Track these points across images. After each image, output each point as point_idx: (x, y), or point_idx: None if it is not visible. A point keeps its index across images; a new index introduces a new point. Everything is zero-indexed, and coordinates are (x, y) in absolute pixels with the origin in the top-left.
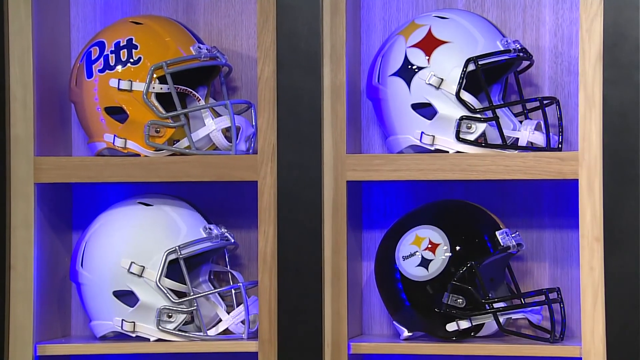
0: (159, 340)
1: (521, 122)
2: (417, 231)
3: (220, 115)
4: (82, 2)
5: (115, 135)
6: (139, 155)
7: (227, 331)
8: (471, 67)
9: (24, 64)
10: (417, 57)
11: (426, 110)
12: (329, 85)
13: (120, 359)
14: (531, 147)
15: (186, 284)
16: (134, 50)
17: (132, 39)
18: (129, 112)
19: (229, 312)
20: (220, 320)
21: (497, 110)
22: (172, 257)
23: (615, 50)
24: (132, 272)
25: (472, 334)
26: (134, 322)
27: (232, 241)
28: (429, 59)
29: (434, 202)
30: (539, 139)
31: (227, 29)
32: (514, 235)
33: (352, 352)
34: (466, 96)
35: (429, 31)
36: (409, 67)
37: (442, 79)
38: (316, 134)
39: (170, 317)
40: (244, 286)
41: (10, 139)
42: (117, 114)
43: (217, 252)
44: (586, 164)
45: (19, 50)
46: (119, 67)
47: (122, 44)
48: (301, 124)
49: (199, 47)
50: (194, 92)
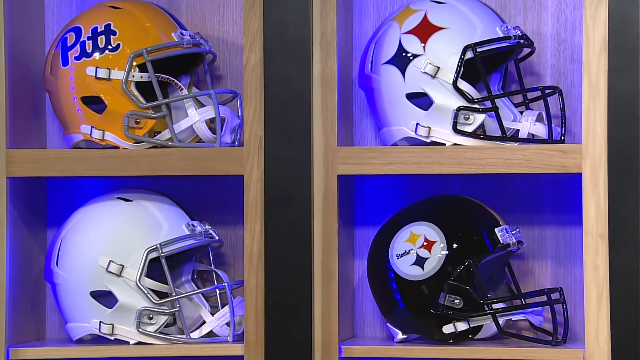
0: (139, 343)
1: (522, 112)
2: (412, 228)
3: (203, 105)
4: None
5: (92, 126)
6: (117, 147)
7: (211, 334)
8: (469, 54)
9: None
10: (412, 44)
11: (422, 100)
12: (319, 74)
13: None
14: (532, 139)
15: (168, 284)
16: (112, 36)
17: (110, 25)
18: (107, 102)
19: (213, 314)
20: (204, 322)
21: (496, 100)
22: (153, 255)
23: (621, 37)
24: (110, 272)
25: (470, 337)
26: (113, 324)
27: (217, 238)
28: (424, 46)
29: (429, 197)
30: (540, 130)
31: (211, 14)
32: (514, 232)
33: (343, 356)
34: (464, 85)
35: (425, 16)
36: (404, 54)
37: (438, 67)
38: (305, 125)
39: (151, 318)
40: (229, 286)
41: None
42: (94, 104)
43: (201, 250)
44: (590, 157)
45: None
46: (97, 54)
47: (99, 30)
48: (289, 114)
49: (182, 34)
50: (176, 80)
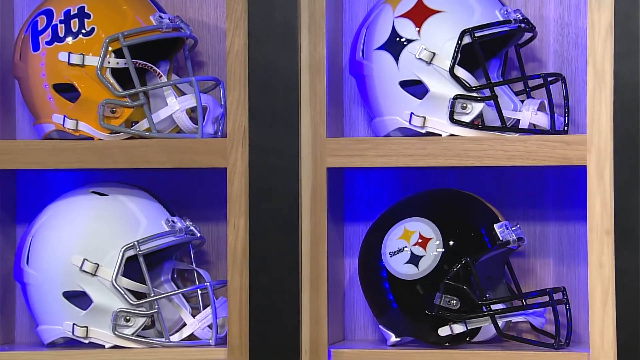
0: (115, 347)
1: (522, 101)
2: (406, 224)
3: (184, 93)
4: None
5: (65, 115)
6: (92, 138)
7: (192, 337)
8: (467, 39)
9: None
10: (406, 29)
11: (416, 88)
12: (307, 60)
13: None
14: (534, 130)
15: (146, 284)
16: (86, 19)
17: (84, 7)
18: (80, 90)
19: (194, 316)
20: (184, 324)
21: (495, 88)
22: (130, 253)
23: (628, 20)
24: (84, 271)
25: (467, 339)
26: (87, 327)
27: (198, 235)
28: (419, 31)
29: (424, 191)
30: (542, 120)
31: None
32: (514, 228)
33: None
34: (461, 72)
35: None
36: (397, 39)
37: (434, 53)
38: (293, 115)
39: (127, 321)
40: (212, 286)
41: None
42: (67, 91)
43: (181, 248)
44: (595, 149)
45: None
46: (70, 39)
47: (72, 13)
48: (276, 103)
49: (160, 17)
50: (154, 67)
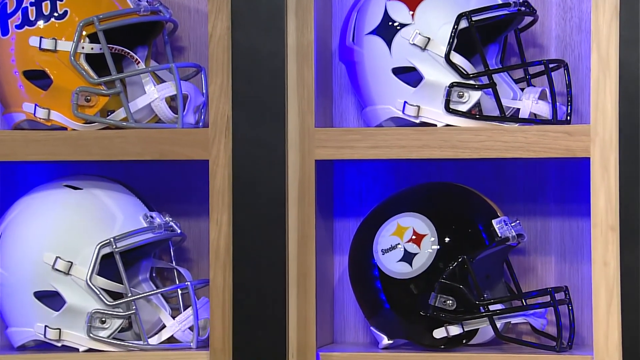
0: (90, 350)
1: (523, 89)
2: (399, 220)
3: (163, 81)
4: None
5: (36, 104)
6: (65, 128)
7: (172, 339)
8: (463, 24)
9: None
10: (399, 12)
11: (410, 75)
12: (294, 45)
13: None
14: (534, 120)
15: (123, 283)
16: (58, 2)
17: None
18: (53, 77)
19: (174, 317)
20: (163, 326)
21: (494, 75)
22: (106, 250)
23: (634, 4)
24: (57, 269)
25: (464, 342)
26: (60, 329)
27: (179, 232)
28: (413, 14)
29: (419, 185)
30: (543, 109)
31: None
32: (513, 224)
33: None
34: (457, 59)
35: None
36: (390, 24)
37: (428, 39)
38: (279, 104)
39: (103, 322)
40: (193, 285)
41: None
42: (38, 78)
43: (161, 245)
44: (599, 140)
45: None
46: (41, 23)
47: None
48: (261, 91)
49: None
50: (131, 53)
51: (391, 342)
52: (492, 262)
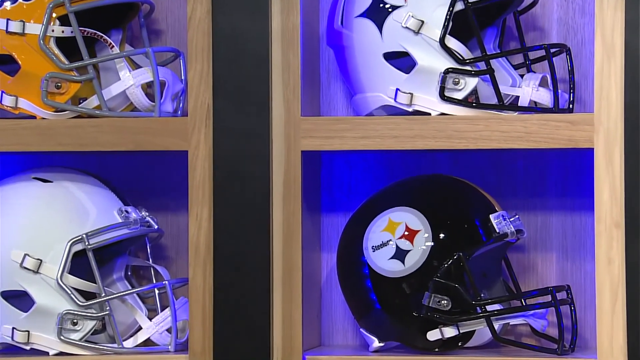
0: (61, 354)
1: (522, 76)
2: (391, 214)
3: (139, 66)
4: None
5: (3, 91)
6: (34, 117)
7: (148, 342)
8: (459, 6)
9: None
10: None
11: (402, 61)
12: (279, 29)
13: None
14: (535, 108)
15: (96, 283)
16: None
17: None
18: (21, 62)
19: (151, 318)
20: (139, 328)
21: (491, 61)
22: (78, 247)
23: None
24: (25, 268)
25: (460, 344)
26: (29, 332)
27: (156, 227)
28: None
29: (411, 177)
30: (544, 97)
31: None
32: (512, 219)
33: None
34: (453, 43)
35: None
36: (381, 5)
37: (422, 22)
38: (262, 91)
39: (75, 324)
40: (171, 285)
41: None
42: (5, 64)
43: (136, 242)
44: (604, 129)
45: None
46: (7, 4)
47: None
48: (243, 78)
49: None
50: (105, 36)
51: (382, 344)
52: (490, 259)
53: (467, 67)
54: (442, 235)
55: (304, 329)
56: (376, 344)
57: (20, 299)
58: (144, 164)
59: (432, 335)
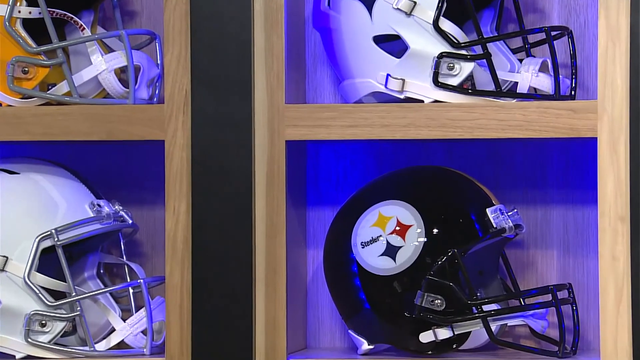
0: (28, 357)
1: (521, 61)
2: (381, 209)
3: (112, 50)
4: None
5: None
6: (0, 104)
7: (122, 344)
8: None
9: None
10: None
11: (393, 44)
12: (262, 10)
13: None
14: (534, 95)
15: (66, 281)
16: None
17: None
18: None
19: (125, 319)
20: (113, 329)
21: (488, 44)
22: (47, 244)
23: None
24: None
25: (455, 347)
26: None
27: (130, 222)
28: None
29: (403, 169)
30: (544, 83)
31: None
32: (510, 213)
33: None
34: (447, 26)
35: None
36: None
37: (414, 3)
38: (244, 77)
39: (43, 325)
40: (146, 283)
41: None
42: None
43: (109, 238)
44: (608, 117)
45: None
46: None
47: None
48: (224, 63)
49: None
50: (75, 18)
51: (372, 347)
52: (487, 256)
53: (463, 51)
54: (435, 230)
55: (289, 331)
56: (365, 346)
57: None
58: (118, 154)
59: (425, 337)
